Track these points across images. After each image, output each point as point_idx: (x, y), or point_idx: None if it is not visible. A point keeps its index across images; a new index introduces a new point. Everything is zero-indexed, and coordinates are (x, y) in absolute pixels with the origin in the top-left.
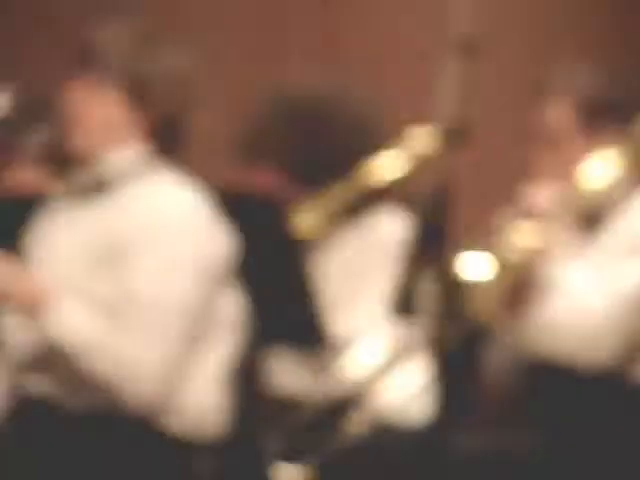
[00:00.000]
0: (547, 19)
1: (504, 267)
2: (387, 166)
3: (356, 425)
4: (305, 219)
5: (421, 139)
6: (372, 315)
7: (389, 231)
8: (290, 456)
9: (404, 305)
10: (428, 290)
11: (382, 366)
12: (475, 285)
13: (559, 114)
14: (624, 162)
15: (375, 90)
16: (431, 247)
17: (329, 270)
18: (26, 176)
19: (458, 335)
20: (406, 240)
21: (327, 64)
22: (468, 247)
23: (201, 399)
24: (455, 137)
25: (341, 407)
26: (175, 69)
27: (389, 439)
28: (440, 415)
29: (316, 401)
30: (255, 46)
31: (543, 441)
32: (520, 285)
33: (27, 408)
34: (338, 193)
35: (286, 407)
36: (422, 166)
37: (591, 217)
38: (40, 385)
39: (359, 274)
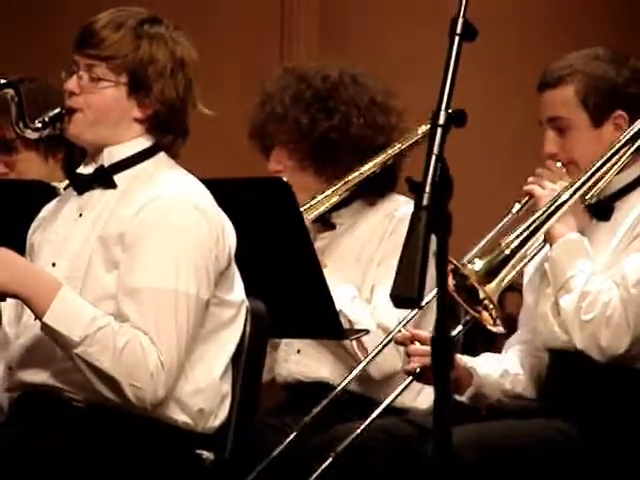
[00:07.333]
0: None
1: (510, 253)
2: (395, 149)
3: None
4: (319, 204)
5: (424, 122)
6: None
7: (403, 214)
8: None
9: (411, 289)
10: (433, 274)
11: (396, 350)
12: (480, 270)
13: (566, 100)
14: (631, 150)
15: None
16: (435, 230)
17: (344, 254)
18: (32, 167)
19: (463, 320)
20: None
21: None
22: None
23: (204, 389)
24: (454, 121)
25: (355, 392)
26: (177, 57)
27: (401, 424)
28: (446, 399)
29: (334, 387)
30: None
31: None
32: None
33: (28, 400)
34: (351, 177)
35: (299, 394)
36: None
37: (598, 205)
38: (42, 377)
39: (374, 258)
